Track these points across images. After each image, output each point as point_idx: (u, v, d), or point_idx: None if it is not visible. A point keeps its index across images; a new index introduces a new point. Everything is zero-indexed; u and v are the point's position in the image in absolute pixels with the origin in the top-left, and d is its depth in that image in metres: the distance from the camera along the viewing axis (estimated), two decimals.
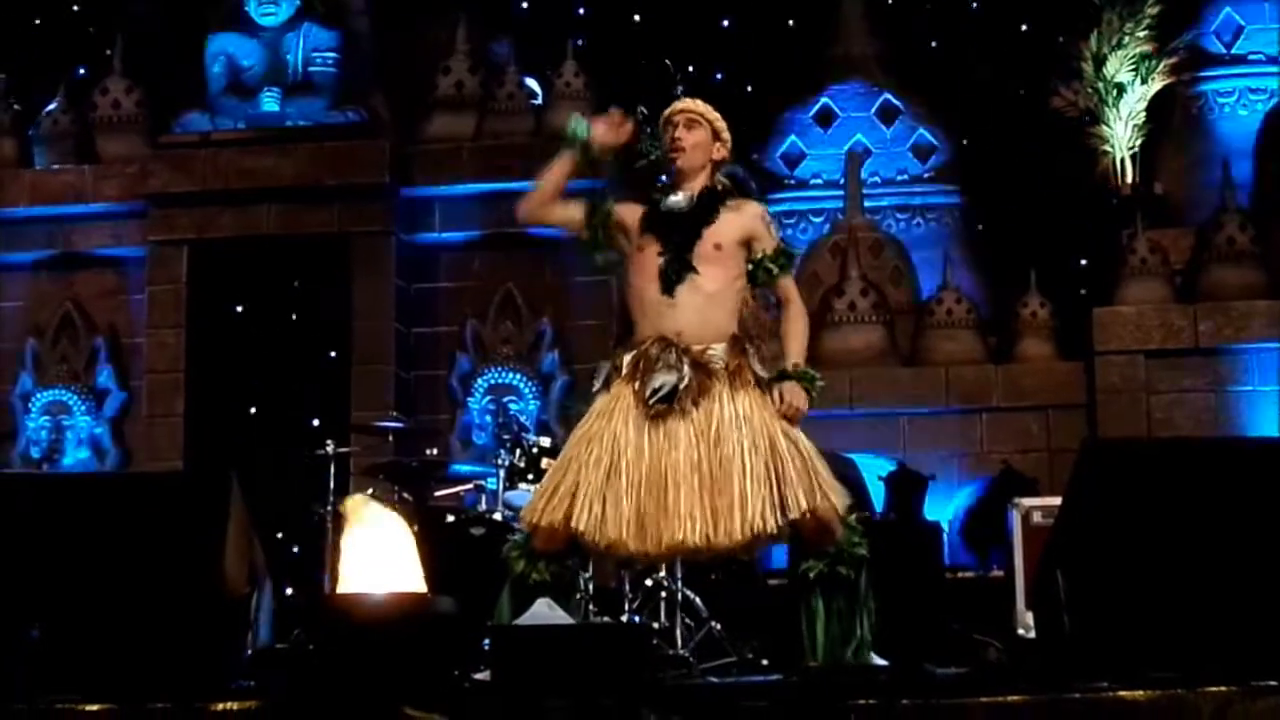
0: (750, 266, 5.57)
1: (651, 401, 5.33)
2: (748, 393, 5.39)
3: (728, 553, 5.44)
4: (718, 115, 5.65)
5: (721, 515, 5.25)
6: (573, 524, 5.30)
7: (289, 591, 8.96)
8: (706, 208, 5.55)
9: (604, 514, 5.29)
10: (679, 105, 5.65)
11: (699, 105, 5.64)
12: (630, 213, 5.63)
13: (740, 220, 5.57)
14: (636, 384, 5.38)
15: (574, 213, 5.65)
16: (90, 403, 10.88)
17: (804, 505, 5.24)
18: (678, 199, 5.57)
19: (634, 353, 5.46)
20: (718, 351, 5.42)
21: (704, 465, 5.28)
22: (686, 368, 5.36)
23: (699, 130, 5.60)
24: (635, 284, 5.56)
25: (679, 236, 5.50)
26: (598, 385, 5.53)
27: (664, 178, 5.70)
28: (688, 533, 5.25)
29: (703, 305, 5.45)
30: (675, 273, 5.46)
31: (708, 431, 5.32)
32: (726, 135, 5.65)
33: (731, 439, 5.30)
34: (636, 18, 12.14)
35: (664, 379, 5.34)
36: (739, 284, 5.56)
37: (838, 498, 5.35)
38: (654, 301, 5.48)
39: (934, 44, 12.19)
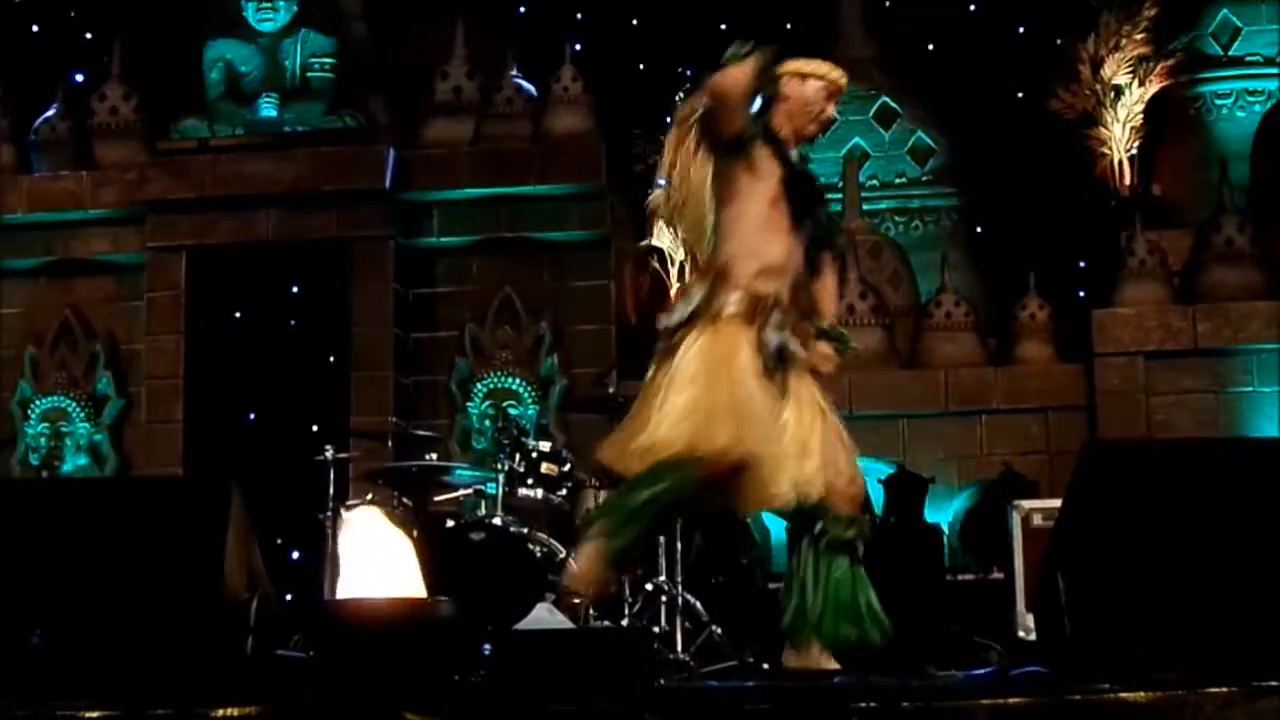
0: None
1: (772, 362, 5.20)
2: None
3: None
4: None
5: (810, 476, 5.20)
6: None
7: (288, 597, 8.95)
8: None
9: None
10: (844, 81, 5.48)
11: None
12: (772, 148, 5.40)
13: None
14: (757, 330, 5.21)
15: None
16: (89, 409, 10.87)
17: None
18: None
19: (744, 295, 5.22)
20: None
21: (793, 427, 5.21)
22: (789, 331, 5.26)
23: None
24: (763, 217, 5.30)
25: (819, 208, 5.45)
26: (679, 318, 5.25)
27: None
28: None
29: (798, 277, 5.36)
30: (824, 242, 5.41)
31: (796, 397, 5.26)
32: None
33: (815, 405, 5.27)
34: (635, 21, 12.14)
35: (781, 338, 5.23)
36: None
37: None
38: (780, 254, 5.28)
39: (931, 47, 12.19)
